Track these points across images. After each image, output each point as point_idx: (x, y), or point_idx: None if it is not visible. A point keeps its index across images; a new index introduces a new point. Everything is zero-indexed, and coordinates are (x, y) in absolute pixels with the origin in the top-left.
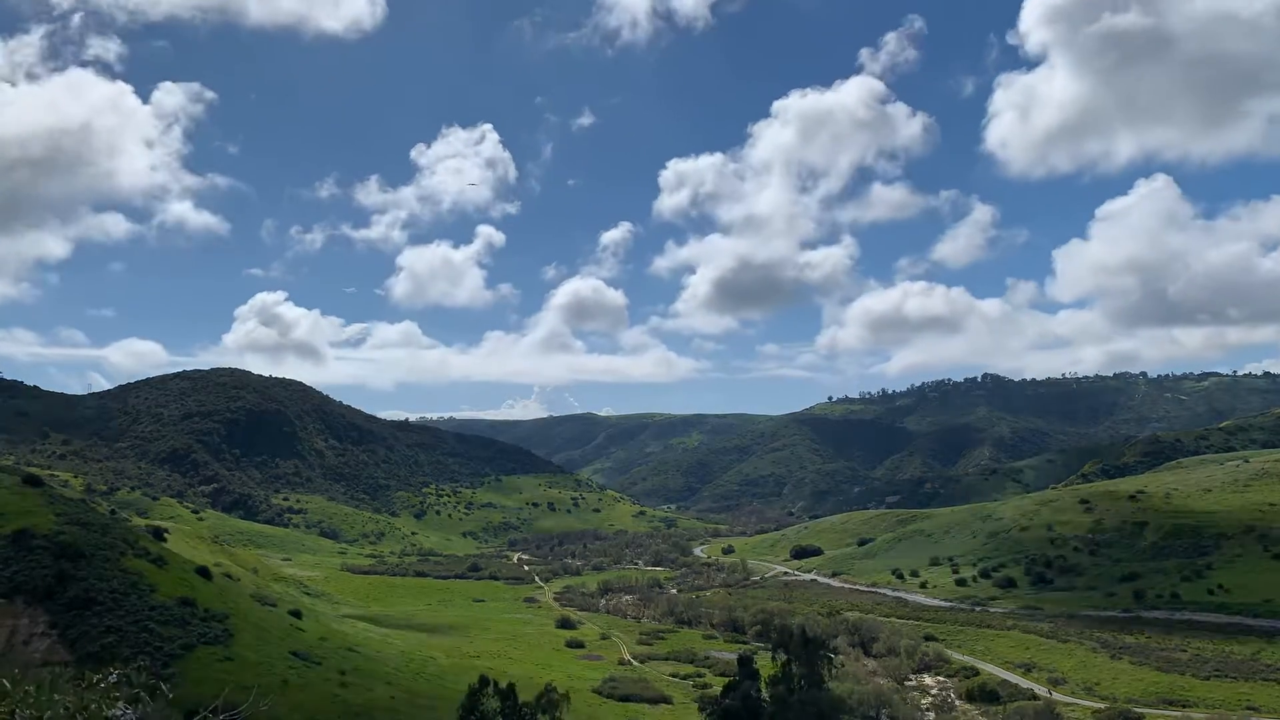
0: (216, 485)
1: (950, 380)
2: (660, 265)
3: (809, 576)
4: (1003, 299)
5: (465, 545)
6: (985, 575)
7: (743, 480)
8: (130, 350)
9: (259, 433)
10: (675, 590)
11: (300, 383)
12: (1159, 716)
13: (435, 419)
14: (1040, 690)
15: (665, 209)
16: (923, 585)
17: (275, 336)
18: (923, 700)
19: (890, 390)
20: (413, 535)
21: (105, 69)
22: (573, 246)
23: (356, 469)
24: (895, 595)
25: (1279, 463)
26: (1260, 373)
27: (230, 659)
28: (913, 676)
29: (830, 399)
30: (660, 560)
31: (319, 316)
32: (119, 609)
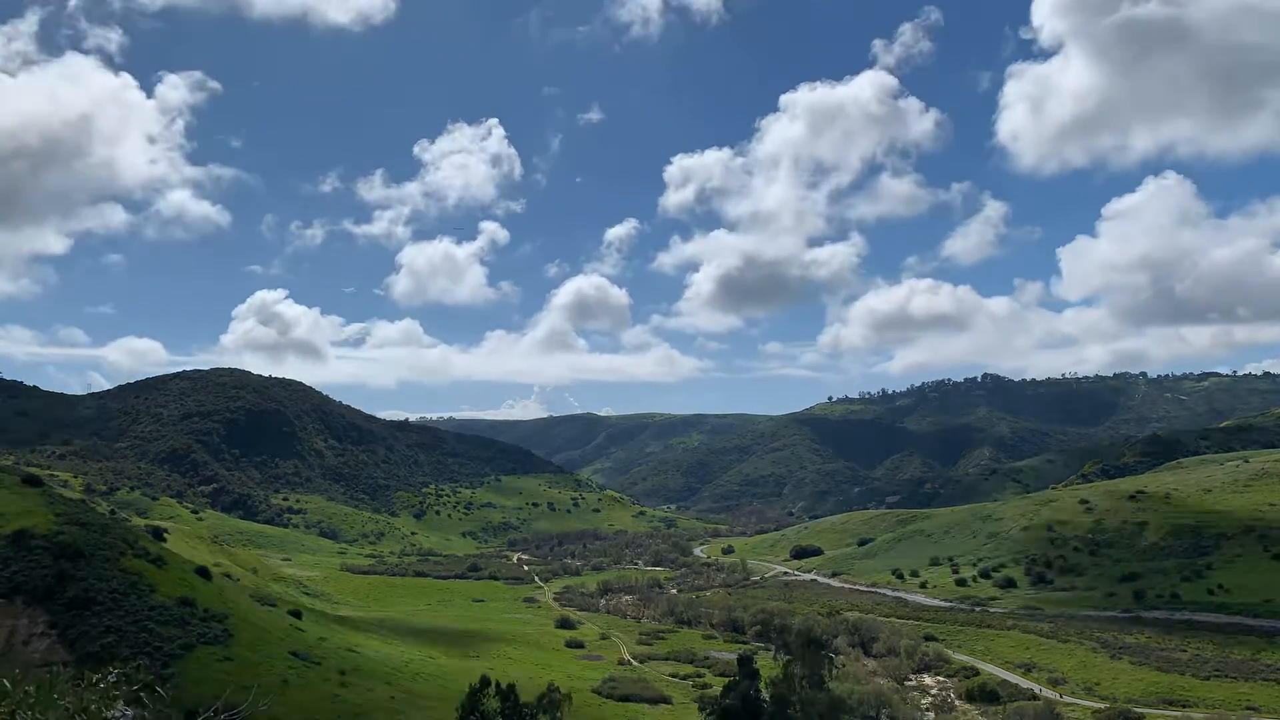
0: (216, 485)
1: (950, 380)
2: (665, 262)
3: (809, 576)
4: (1011, 297)
5: (465, 545)
6: (985, 575)
7: (743, 480)
8: (129, 348)
9: (258, 433)
10: (675, 590)
11: (300, 383)
12: (1159, 716)
13: (435, 419)
14: (1046, 692)
15: (671, 205)
16: (923, 585)
17: (275, 336)
18: (923, 700)
19: (891, 390)
20: (412, 535)
21: (106, 58)
22: (576, 243)
23: (356, 469)
24: (895, 595)
25: (1279, 463)
26: (1260, 372)
27: (230, 659)
28: (913, 676)
29: (830, 399)
30: (660, 560)
31: (319, 315)
32: (119, 609)
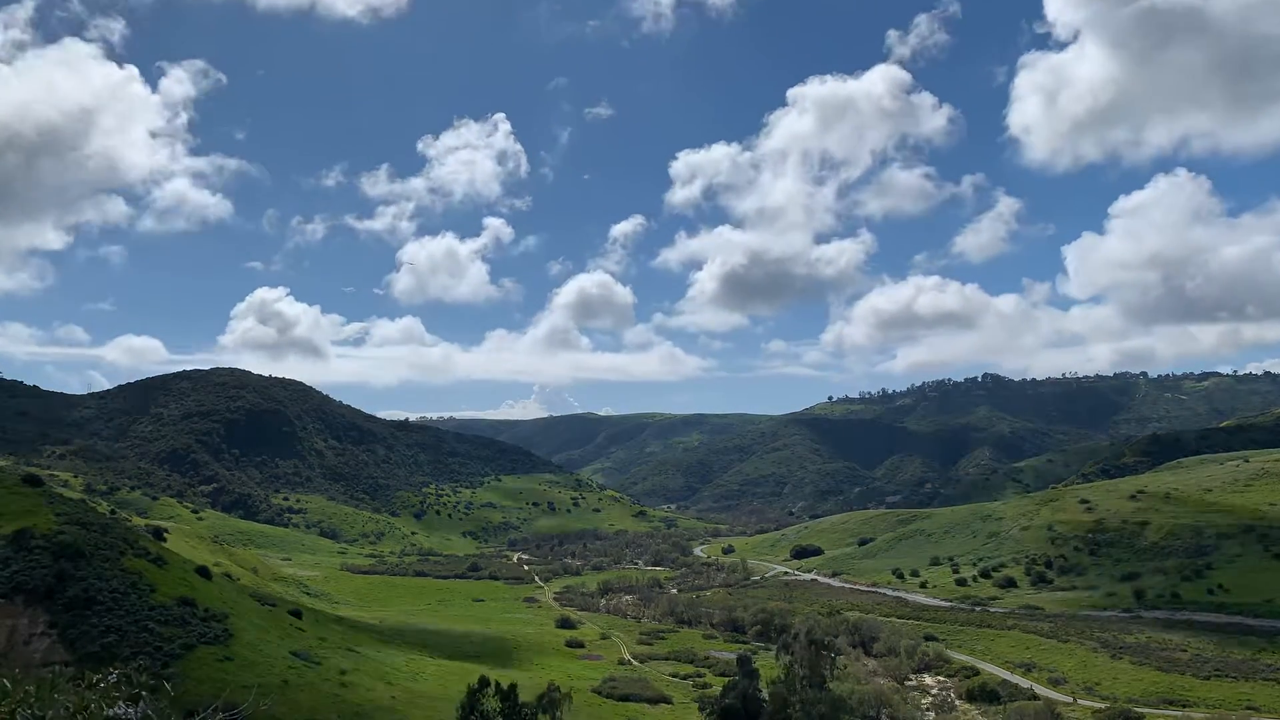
0: (216, 485)
1: (950, 380)
2: (670, 259)
3: (809, 576)
4: (1020, 295)
5: (465, 545)
6: (985, 575)
7: (743, 480)
8: (129, 347)
9: (259, 433)
10: (675, 590)
11: (300, 382)
12: (1159, 716)
13: (435, 419)
14: (1046, 692)
15: (678, 201)
16: (923, 585)
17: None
18: (923, 700)
19: (891, 390)
20: (412, 535)
21: (106, 46)
22: (581, 240)
23: (356, 469)
24: (895, 595)
25: (1279, 462)
26: (1261, 372)
27: (230, 659)
28: (913, 676)
29: (830, 399)
30: (660, 560)
31: (319, 314)
32: (119, 609)
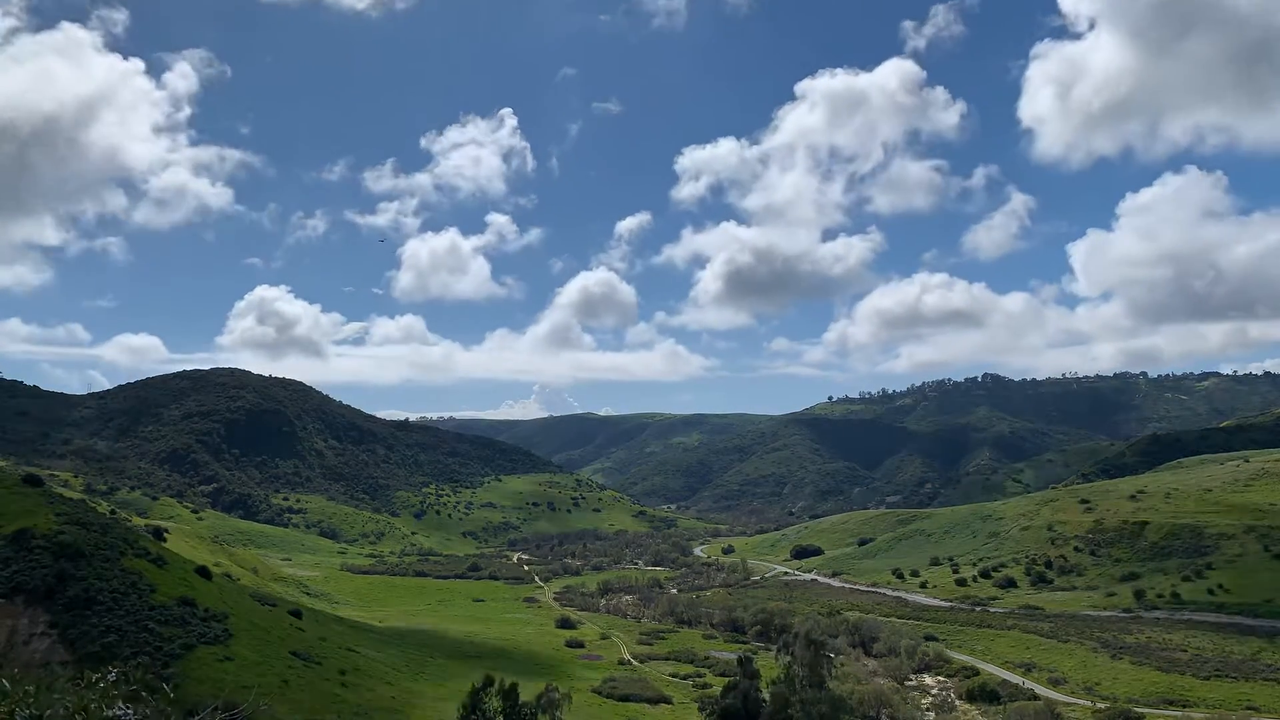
0: (216, 485)
1: (951, 380)
2: (675, 256)
3: (809, 576)
4: (1029, 293)
5: (465, 545)
6: (985, 575)
7: (743, 480)
8: (128, 346)
9: (259, 433)
10: (675, 590)
11: (300, 382)
12: (1159, 716)
13: (435, 419)
14: (1046, 692)
15: (683, 197)
16: (923, 585)
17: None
18: (923, 700)
19: (892, 390)
20: (412, 535)
21: (107, 35)
22: (585, 237)
23: (356, 469)
24: (895, 595)
25: (1279, 462)
26: (1261, 372)
27: (230, 659)
28: (913, 676)
29: (830, 399)
30: (660, 560)
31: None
32: (119, 609)
